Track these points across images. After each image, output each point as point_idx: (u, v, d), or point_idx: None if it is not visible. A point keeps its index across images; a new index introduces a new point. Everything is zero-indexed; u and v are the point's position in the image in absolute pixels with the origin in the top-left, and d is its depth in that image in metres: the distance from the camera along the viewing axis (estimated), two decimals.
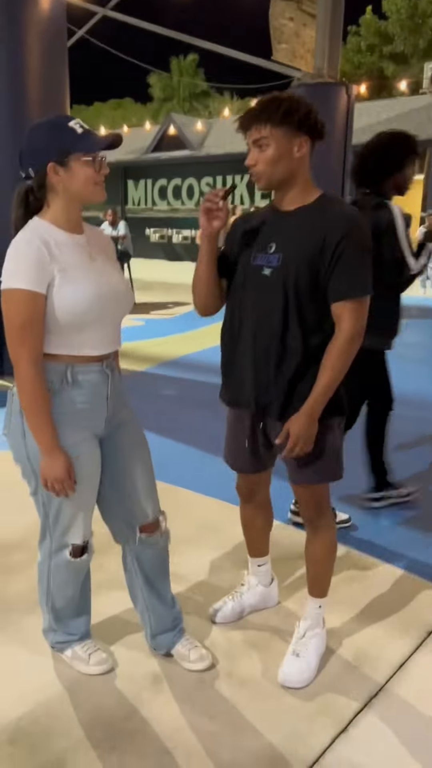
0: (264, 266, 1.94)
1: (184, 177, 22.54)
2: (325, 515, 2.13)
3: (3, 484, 3.59)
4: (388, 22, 31.91)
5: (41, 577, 2.06)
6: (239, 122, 1.89)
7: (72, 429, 1.86)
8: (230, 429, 2.19)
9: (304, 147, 1.87)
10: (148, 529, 2.05)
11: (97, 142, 1.77)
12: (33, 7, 5.49)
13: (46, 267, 1.74)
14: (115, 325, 1.93)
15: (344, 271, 1.84)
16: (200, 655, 2.15)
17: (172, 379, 5.87)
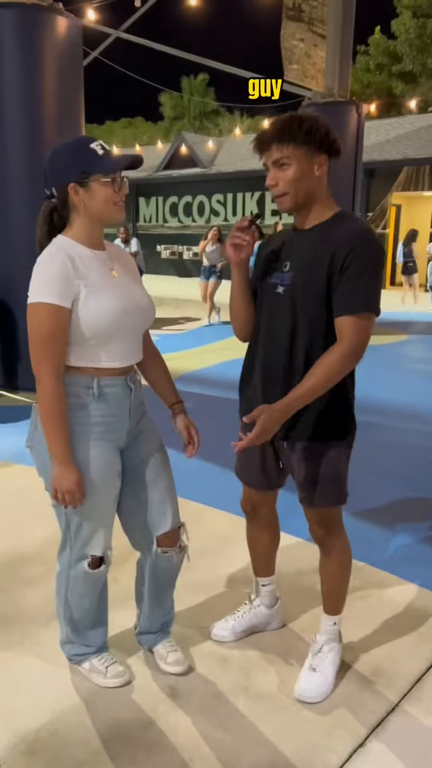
0: (278, 284, 1.96)
1: (195, 194, 22.73)
2: (336, 535, 2.12)
3: (20, 497, 3.64)
4: (397, 42, 32.17)
5: (59, 588, 2.09)
6: (258, 142, 1.88)
7: (96, 441, 1.90)
8: None
9: (323, 166, 1.89)
10: (165, 542, 2.07)
11: (116, 163, 1.82)
12: (50, 29, 5.61)
13: (72, 281, 1.79)
14: (138, 338, 1.98)
15: (350, 284, 1.82)
16: (177, 659, 2.17)
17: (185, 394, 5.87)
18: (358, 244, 1.83)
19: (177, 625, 2.43)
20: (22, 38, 5.53)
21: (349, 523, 3.36)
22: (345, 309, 1.84)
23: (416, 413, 5.61)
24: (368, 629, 2.45)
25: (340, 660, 2.19)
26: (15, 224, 5.77)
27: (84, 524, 1.95)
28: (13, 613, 2.52)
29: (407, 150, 18.64)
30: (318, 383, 1.83)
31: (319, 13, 9.80)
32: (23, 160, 5.67)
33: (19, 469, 4.09)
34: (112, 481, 1.96)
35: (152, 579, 2.14)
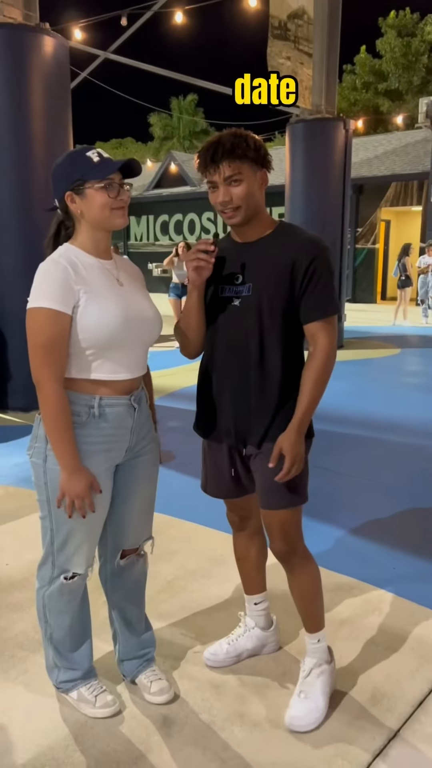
0: (233, 297, 1.97)
1: (186, 212, 22.84)
2: (299, 550, 2.07)
3: (8, 520, 3.55)
4: (383, 61, 32.64)
5: (38, 607, 2.03)
6: (209, 159, 1.87)
7: (94, 460, 1.86)
8: (209, 459, 2.16)
9: (265, 181, 1.95)
10: (127, 553, 2.07)
11: (109, 167, 1.81)
12: (37, 49, 5.61)
13: (72, 287, 1.76)
14: (142, 351, 1.95)
15: (316, 291, 1.90)
16: (161, 688, 2.10)
17: (176, 411, 5.84)
18: (318, 253, 1.91)
19: (168, 650, 2.36)
20: (8, 58, 5.52)
21: (347, 540, 3.32)
22: (316, 315, 1.92)
23: (410, 427, 5.57)
24: (367, 650, 2.37)
25: (333, 682, 2.11)
26: (4, 245, 5.73)
27: (70, 541, 1.90)
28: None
29: (395, 166, 18.82)
30: (315, 391, 1.91)
31: (305, 32, 9.89)
32: (11, 180, 5.64)
33: (7, 491, 4.01)
34: (104, 501, 1.92)
35: (116, 590, 2.11)
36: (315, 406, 1.93)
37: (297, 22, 9.77)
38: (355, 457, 4.73)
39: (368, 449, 4.97)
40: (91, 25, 10.22)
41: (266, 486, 1.99)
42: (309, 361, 1.93)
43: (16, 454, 4.72)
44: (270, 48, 9.49)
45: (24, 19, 5.78)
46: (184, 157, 24.89)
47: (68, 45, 6.21)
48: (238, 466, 2.09)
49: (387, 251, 19.47)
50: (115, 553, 2.06)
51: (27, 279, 1.83)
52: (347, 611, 2.62)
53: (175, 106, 39.30)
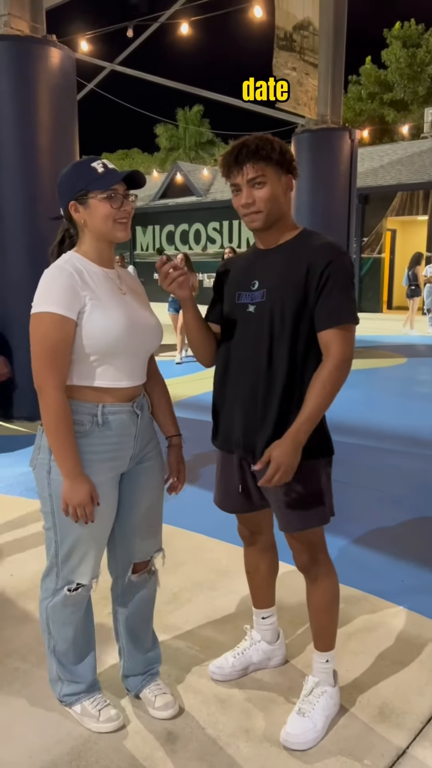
0: (248, 303, 1.93)
1: (191, 222, 22.90)
2: (320, 562, 2.02)
3: (13, 530, 3.53)
4: (388, 71, 32.75)
5: (41, 618, 2.01)
6: (233, 161, 1.86)
7: (98, 469, 1.84)
8: (221, 471, 2.14)
9: (290, 186, 1.91)
10: (139, 567, 2.04)
11: (113, 178, 1.80)
12: (44, 62, 5.65)
13: (78, 293, 1.76)
14: (143, 359, 1.94)
15: (331, 298, 1.83)
16: (165, 702, 2.07)
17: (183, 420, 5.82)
18: (333, 258, 1.84)
19: (172, 664, 2.33)
20: (15, 69, 5.56)
21: (354, 551, 3.28)
22: (330, 322, 1.83)
23: (418, 437, 5.53)
24: (374, 664, 2.34)
25: (335, 704, 2.06)
26: (11, 256, 5.75)
27: (75, 552, 1.89)
28: (2, 653, 2.41)
29: (401, 175, 18.83)
30: (320, 401, 1.82)
31: (311, 43, 9.94)
32: (18, 191, 5.66)
33: (13, 501, 3.99)
34: (109, 509, 1.90)
35: (125, 607, 2.08)
36: (317, 417, 1.82)
37: (302, 33, 9.82)
38: (362, 467, 4.69)
39: (375, 459, 4.94)
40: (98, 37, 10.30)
41: (280, 508, 1.95)
42: (318, 369, 1.84)
43: (22, 464, 4.71)
44: (276, 59, 9.53)
45: (31, 31, 5.82)
46: (190, 168, 25.00)
47: (75, 57, 6.25)
48: (248, 480, 2.05)
49: (393, 260, 19.45)
50: (127, 568, 2.03)
51: (33, 289, 1.82)
52: (354, 624, 2.59)
53: (181, 117, 39.51)
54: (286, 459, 1.80)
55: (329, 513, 1.98)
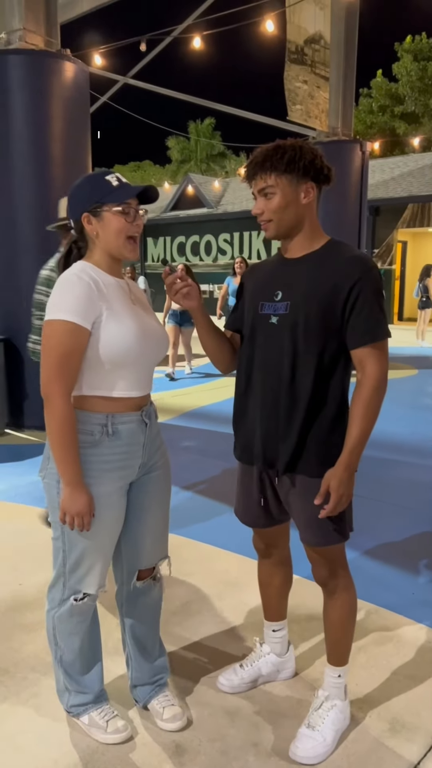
0: (271, 315, 1.91)
1: (202, 234, 22.99)
2: (339, 576, 2.00)
3: (22, 539, 3.53)
4: (399, 84, 32.85)
5: (48, 628, 2.00)
6: (246, 172, 1.88)
7: (108, 479, 1.85)
8: (240, 483, 2.12)
9: (310, 193, 1.86)
10: (144, 574, 2.04)
11: (128, 191, 1.82)
12: (58, 75, 5.72)
13: (95, 303, 1.77)
14: (151, 368, 1.95)
15: (363, 315, 1.79)
16: (173, 715, 2.05)
17: (193, 431, 5.83)
18: (363, 274, 1.80)
19: (181, 675, 2.31)
20: (30, 83, 5.63)
21: (364, 564, 3.25)
22: (364, 340, 1.81)
23: (430, 449, 5.49)
24: (385, 678, 2.31)
25: (345, 719, 2.03)
26: (23, 265, 5.79)
27: (83, 562, 1.88)
28: (10, 662, 2.40)
29: (412, 187, 18.84)
30: (366, 423, 1.82)
31: (322, 56, 10.00)
32: (31, 202, 5.72)
33: (21, 510, 4.00)
34: (117, 519, 1.91)
35: (131, 615, 2.08)
36: (365, 440, 1.82)
37: (314, 46, 9.89)
38: (373, 479, 4.66)
39: (387, 471, 4.90)
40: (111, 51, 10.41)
41: (302, 522, 1.94)
42: (357, 390, 1.83)
43: (31, 473, 4.72)
44: (287, 72, 9.60)
45: (46, 46, 5.89)
46: (201, 180, 25.14)
47: (88, 70, 6.32)
48: (268, 494, 2.03)
49: (404, 272, 19.43)
50: (131, 575, 2.03)
51: None
52: (365, 638, 2.56)
53: (192, 130, 39.79)
54: (344, 488, 1.82)
55: (349, 529, 1.97)
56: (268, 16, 8.49)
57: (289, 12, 9.36)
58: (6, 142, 5.70)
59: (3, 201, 5.81)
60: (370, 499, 4.22)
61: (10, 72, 5.62)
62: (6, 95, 5.63)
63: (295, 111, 9.73)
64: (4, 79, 5.63)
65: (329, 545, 1.94)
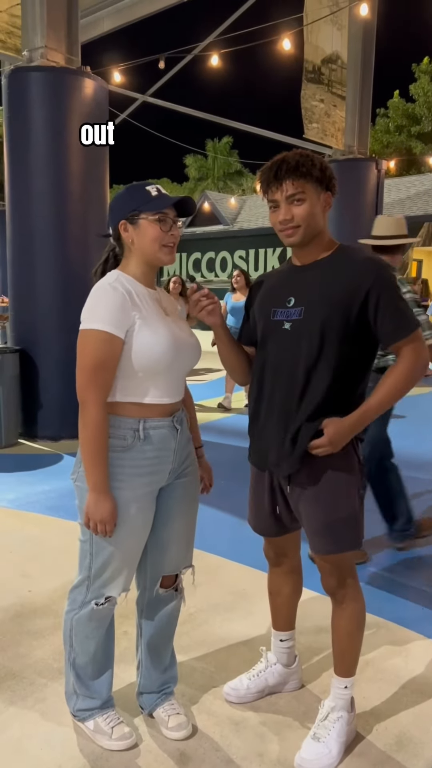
0: (284, 321, 1.92)
1: (218, 251, 23.17)
2: (348, 586, 1.99)
3: (33, 547, 3.55)
4: (416, 105, 33.06)
5: (65, 629, 2.01)
6: (272, 176, 1.86)
7: (139, 482, 1.87)
8: (252, 491, 2.13)
9: (329, 203, 1.91)
10: (167, 581, 2.05)
11: (165, 201, 1.85)
12: (78, 92, 5.83)
13: (129, 313, 1.80)
14: (183, 376, 1.97)
15: (389, 313, 1.82)
16: (179, 723, 2.04)
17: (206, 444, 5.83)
18: (377, 274, 1.83)
19: (187, 684, 2.31)
20: (51, 99, 5.74)
21: (375, 578, 3.23)
22: (398, 335, 1.83)
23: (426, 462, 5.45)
24: (392, 692, 2.29)
25: (351, 731, 2.01)
26: (40, 278, 5.86)
27: (109, 566, 1.90)
28: (18, 668, 2.41)
29: (428, 206, 18.88)
30: (387, 398, 1.85)
31: (339, 76, 10.11)
32: (49, 216, 5.80)
33: (34, 518, 4.02)
34: (146, 524, 1.92)
35: (149, 621, 2.08)
36: (380, 411, 1.85)
37: (331, 66, 10.00)
38: None
39: None
40: (131, 69, 10.57)
41: (312, 530, 1.94)
42: (392, 367, 1.86)
43: (44, 482, 4.75)
44: (304, 91, 9.70)
45: (66, 63, 6.01)
46: (218, 197, 25.37)
47: (108, 87, 6.43)
48: (279, 503, 2.04)
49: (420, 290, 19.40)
50: (155, 581, 2.03)
51: (61, 313, 1.86)
52: (373, 651, 2.54)
53: (210, 148, 40.20)
54: (338, 439, 1.83)
55: (359, 538, 1.96)
56: (285, 36, 8.61)
57: (306, 32, 9.49)
58: (26, 156, 5.81)
59: (22, 215, 5.91)
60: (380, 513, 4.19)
61: (32, 88, 5.73)
62: (27, 110, 5.74)
63: (311, 129, 9.82)
64: (26, 95, 5.75)
65: (341, 552, 1.93)
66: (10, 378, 5.77)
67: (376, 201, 9.80)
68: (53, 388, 5.87)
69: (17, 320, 6.13)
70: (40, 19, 5.87)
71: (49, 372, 5.88)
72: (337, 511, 1.90)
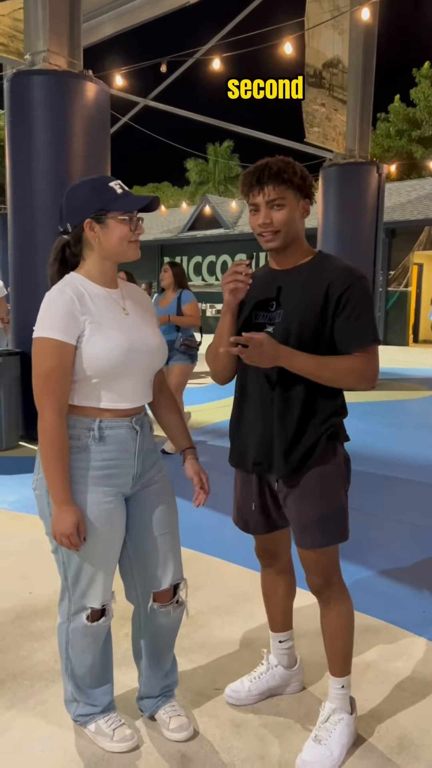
0: (266, 324, 1.95)
1: (218, 254, 23.18)
2: (334, 584, 2.00)
3: (33, 549, 3.55)
4: (416, 109, 33.14)
5: (60, 641, 1.99)
6: (254, 180, 1.87)
7: (97, 486, 1.82)
8: (238, 490, 2.14)
9: (307, 210, 1.94)
10: (161, 598, 1.98)
11: (135, 202, 1.83)
12: (80, 96, 5.85)
13: (78, 318, 1.76)
14: (146, 379, 1.92)
15: (350, 321, 1.85)
16: (180, 724, 2.03)
17: (205, 446, 5.83)
18: (352, 282, 1.87)
19: (188, 687, 2.31)
20: (53, 102, 5.76)
21: (374, 581, 3.23)
22: (355, 346, 1.87)
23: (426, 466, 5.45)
24: (393, 695, 2.29)
25: (352, 733, 2.01)
26: (41, 281, 5.82)
27: (82, 574, 1.86)
28: (19, 670, 2.41)
29: (428, 210, 18.90)
30: (325, 372, 1.85)
31: (340, 80, 10.14)
32: (50, 219, 5.80)
33: (34, 520, 4.01)
34: (113, 529, 1.87)
35: (148, 635, 2.05)
36: (313, 372, 1.83)
37: (332, 70, 10.03)
38: (385, 497, 4.64)
39: (399, 490, 4.88)
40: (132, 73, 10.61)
41: (301, 524, 1.95)
42: (354, 357, 1.86)
43: None
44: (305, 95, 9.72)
45: (68, 67, 6.03)
46: (219, 201, 25.39)
47: (109, 91, 6.45)
48: (267, 499, 2.05)
49: (420, 294, 19.43)
50: (147, 598, 1.98)
51: None
52: (374, 654, 2.54)
53: (211, 152, 40.29)
54: (265, 353, 1.79)
55: (345, 531, 1.98)
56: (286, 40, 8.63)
57: (307, 36, 9.52)
58: (28, 159, 5.82)
59: (24, 217, 5.92)
60: (382, 517, 4.20)
61: (34, 91, 5.75)
62: (29, 114, 5.76)
63: (312, 133, 9.84)
64: (28, 98, 5.77)
65: (330, 545, 1.95)
66: (11, 380, 5.78)
67: (376, 205, 9.81)
68: None
69: (18, 323, 6.14)
70: (43, 23, 5.90)
71: None
72: (326, 505, 1.92)
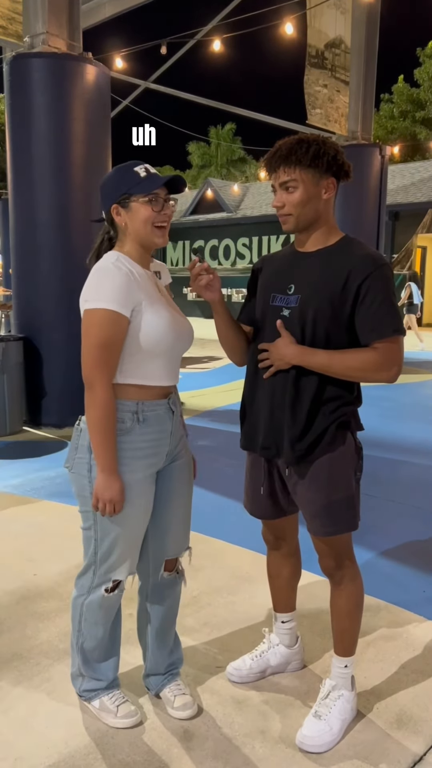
0: (283, 307, 1.92)
1: (221, 238, 23.09)
2: (346, 566, 2.02)
3: (38, 531, 3.59)
4: (420, 90, 32.77)
5: (74, 615, 2.03)
6: (267, 163, 1.88)
7: (139, 465, 1.89)
8: (248, 475, 2.15)
9: (331, 189, 1.88)
10: (170, 565, 2.07)
11: (154, 182, 1.84)
12: (80, 79, 5.81)
13: (134, 292, 1.81)
14: (178, 359, 1.98)
15: (371, 311, 1.80)
16: (184, 703, 2.08)
17: (208, 430, 5.86)
18: (373, 270, 1.81)
19: (191, 664, 2.35)
20: (52, 85, 5.72)
21: (377, 562, 3.26)
22: (376, 335, 1.82)
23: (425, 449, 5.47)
24: (393, 672, 2.32)
25: (352, 709, 2.05)
26: (42, 266, 5.87)
27: (115, 550, 1.92)
28: (24, 649, 2.45)
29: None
30: (341, 368, 1.83)
31: (342, 61, 10.03)
32: (50, 203, 5.80)
33: (39, 504, 4.06)
34: (149, 505, 1.94)
35: (154, 609, 2.10)
36: (329, 368, 1.83)
37: (334, 51, 9.92)
38: (387, 480, 4.67)
39: (401, 472, 4.90)
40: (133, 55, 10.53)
41: (310, 512, 1.96)
42: (371, 350, 1.83)
43: (48, 469, 4.78)
44: (307, 76, 9.63)
45: (68, 49, 5.98)
46: (221, 184, 25.24)
47: (110, 73, 6.40)
48: (276, 485, 2.06)
49: (423, 277, 19.32)
50: (158, 566, 2.05)
51: (63, 300, 1.85)
52: (374, 633, 2.58)
53: (213, 135, 39.94)
54: (285, 355, 1.86)
55: (356, 519, 1.98)
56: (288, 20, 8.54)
57: (309, 16, 9.41)
58: (27, 144, 5.79)
59: (23, 202, 5.91)
60: (382, 499, 4.23)
61: (33, 75, 5.71)
62: (28, 97, 5.73)
63: (314, 115, 9.76)
64: (27, 81, 5.73)
65: (338, 534, 1.96)
66: (14, 365, 5.80)
67: (379, 187, 9.75)
68: (57, 376, 5.91)
69: (21, 308, 6.15)
70: (42, 5, 5.84)
71: (53, 359, 5.90)
72: (335, 493, 1.92)
